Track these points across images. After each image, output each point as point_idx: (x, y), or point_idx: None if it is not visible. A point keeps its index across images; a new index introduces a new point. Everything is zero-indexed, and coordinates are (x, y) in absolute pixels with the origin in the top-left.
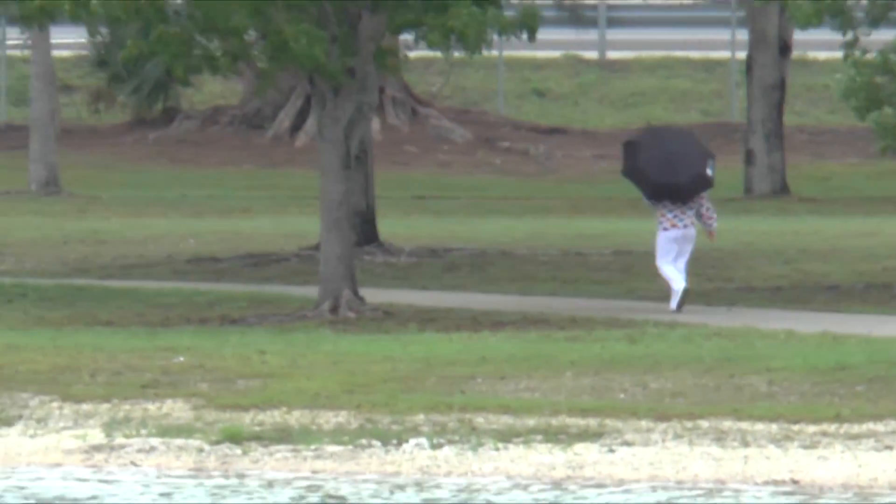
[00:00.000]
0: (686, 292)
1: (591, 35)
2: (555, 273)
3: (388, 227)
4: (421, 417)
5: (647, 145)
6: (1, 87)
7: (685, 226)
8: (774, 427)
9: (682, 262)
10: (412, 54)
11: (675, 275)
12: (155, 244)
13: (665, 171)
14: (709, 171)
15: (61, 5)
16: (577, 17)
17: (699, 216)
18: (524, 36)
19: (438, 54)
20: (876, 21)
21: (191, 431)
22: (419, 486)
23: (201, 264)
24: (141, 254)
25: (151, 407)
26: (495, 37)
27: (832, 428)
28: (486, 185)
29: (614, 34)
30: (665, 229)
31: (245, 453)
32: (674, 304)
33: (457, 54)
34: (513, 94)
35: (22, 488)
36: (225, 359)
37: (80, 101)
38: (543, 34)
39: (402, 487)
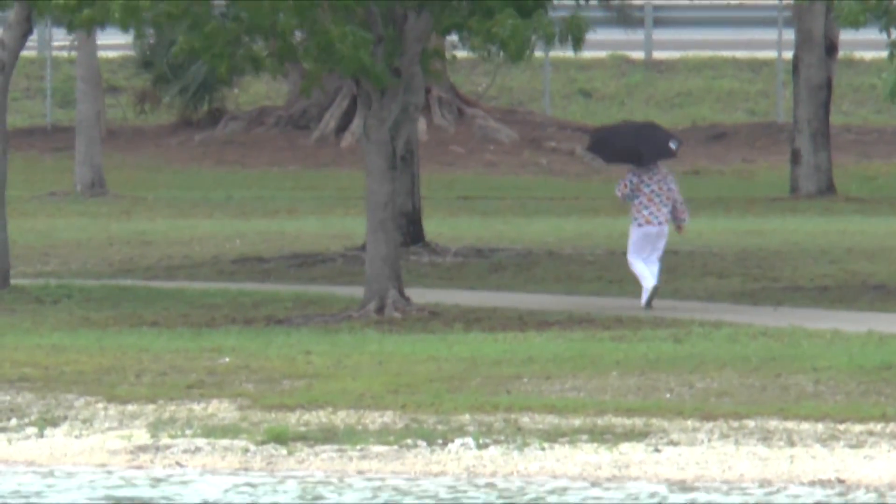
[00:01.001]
0: (656, 290)
1: (637, 35)
2: (600, 273)
3: (434, 227)
4: (466, 417)
5: (614, 128)
6: (47, 88)
7: (659, 223)
8: (820, 426)
9: (654, 259)
10: (459, 54)
11: (645, 272)
12: (200, 245)
13: (629, 139)
14: (672, 145)
15: (111, 14)
16: (623, 17)
17: (673, 211)
18: (570, 47)
19: (487, 57)
20: None
21: (236, 432)
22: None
23: (247, 265)
24: (186, 254)
25: (197, 407)
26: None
27: (878, 427)
28: (532, 186)
29: (660, 34)
30: (640, 225)
31: (290, 454)
32: (644, 300)
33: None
34: (559, 95)
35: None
36: (270, 359)
37: (125, 103)
38: (589, 34)
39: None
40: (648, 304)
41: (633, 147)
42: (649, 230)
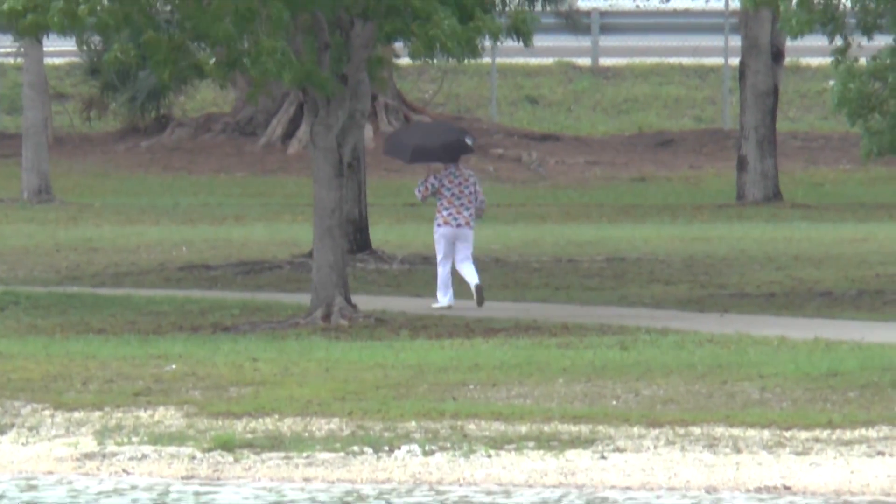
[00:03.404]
0: (479, 288)
1: (584, 42)
2: (547, 280)
3: (381, 234)
4: (413, 424)
5: (411, 129)
6: None
7: (458, 225)
8: (766, 433)
9: (467, 262)
10: (405, 61)
11: (448, 282)
12: (147, 252)
13: (426, 139)
14: (468, 141)
15: (51, 18)
16: (570, 24)
17: (478, 211)
18: (519, 42)
19: (431, 61)
20: (868, 29)
21: (183, 439)
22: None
23: (194, 272)
24: (133, 261)
25: (143, 415)
26: (487, 44)
27: (824, 434)
28: None
29: (607, 41)
30: (439, 225)
31: (237, 461)
32: (446, 300)
33: (450, 61)
34: (506, 101)
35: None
36: (217, 366)
37: (72, 109)
38: (536, 41)
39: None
40: (479, 300)
41: (431, 146)
42: (447, 231)
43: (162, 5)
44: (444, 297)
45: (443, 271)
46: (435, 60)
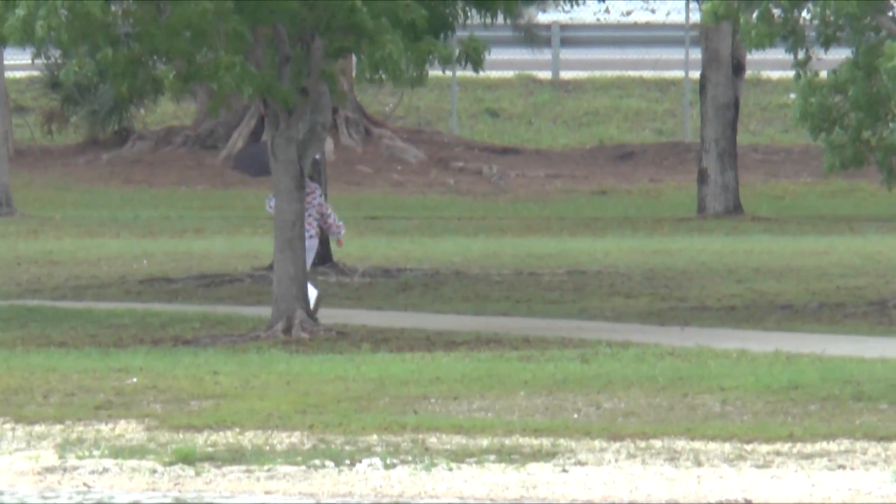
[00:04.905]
0: (319, 297)
1: (544, 55)
2: (508, 293)
3: (342, 247)
4: (374, 438)
5: (259, 144)
6: None
7: (310, 236)
8: (727, 447)
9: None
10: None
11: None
12: (108, 265)
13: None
14: (317, 156)
15: (8, 32)
16: (530, 37)
17: (326, 227)
18: (467, 68)
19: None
20: (828, 41)
21: (144, 452)
22: None
23: (154, 285)
24: (94, 274)
25: (104, 428)
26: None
27: (785, 447)
28: (440, 205)
29: (567, 54)
30: None
31: (198, 474)
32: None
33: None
34: (466, 114)
35: None
36: (178, 379)
37: (33, 122)
38: (496, 54)
39: None
40: (314, 312)
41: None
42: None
43: (121, 18)
44: (312, 293)
45: None
46: (378, 82)
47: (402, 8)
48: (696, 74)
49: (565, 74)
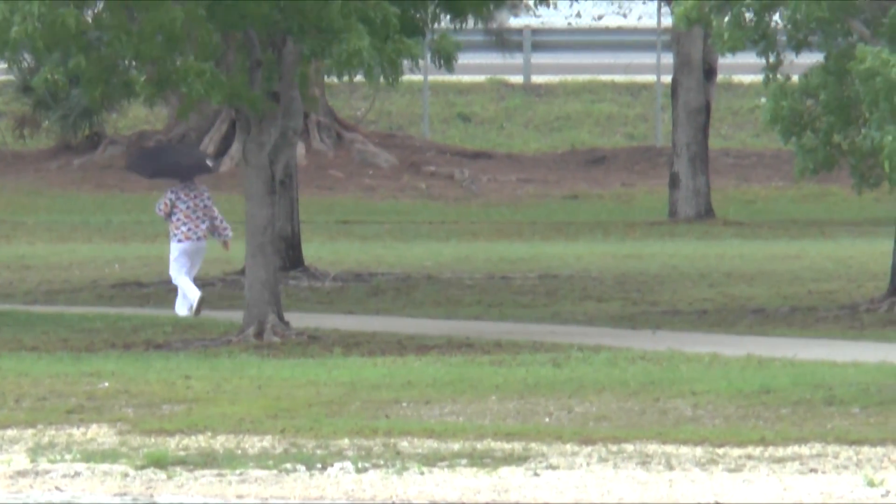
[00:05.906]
0: (203, 300)
1: (515, 59)
2: (480, 297)
3: (313, 251)
4: (345, 442)
5: (155, 147)
6: None
7: (198, 238)
8: (699, 450)
9: (192, 274)
10: (336, 79)
11: (190, 286)
12: (80, 269)
13: (168, 157)
14: (208, 162)
15: None
16: (502, 41)
17: (213, 229)
18: (440, 65)
19: (350, 80)
20: (799, 45)
21: (115, 456)
22: None
23: (126, 289)
24: (66, 279)
25: (76, 432)
26: (420, 61)
27: (757, 451)
28: (411, 210)
29: (539, 58)
30: (179, 241)
31: (170, 478)
32: (187, 310)
33: (380, 79)
34: (438, 119)
35: None
36: (150, 384)
37: (4, 127)
38: (468, 58)
39: None
40: (198, 311)
41: (172, 163)
42: (188, 246)
43: (93, 23)
44: (194, 294)
45: (182, 278)
46: (356, 79)
47: (373, 7)
48: (667, 79)
49: (537, 79)
